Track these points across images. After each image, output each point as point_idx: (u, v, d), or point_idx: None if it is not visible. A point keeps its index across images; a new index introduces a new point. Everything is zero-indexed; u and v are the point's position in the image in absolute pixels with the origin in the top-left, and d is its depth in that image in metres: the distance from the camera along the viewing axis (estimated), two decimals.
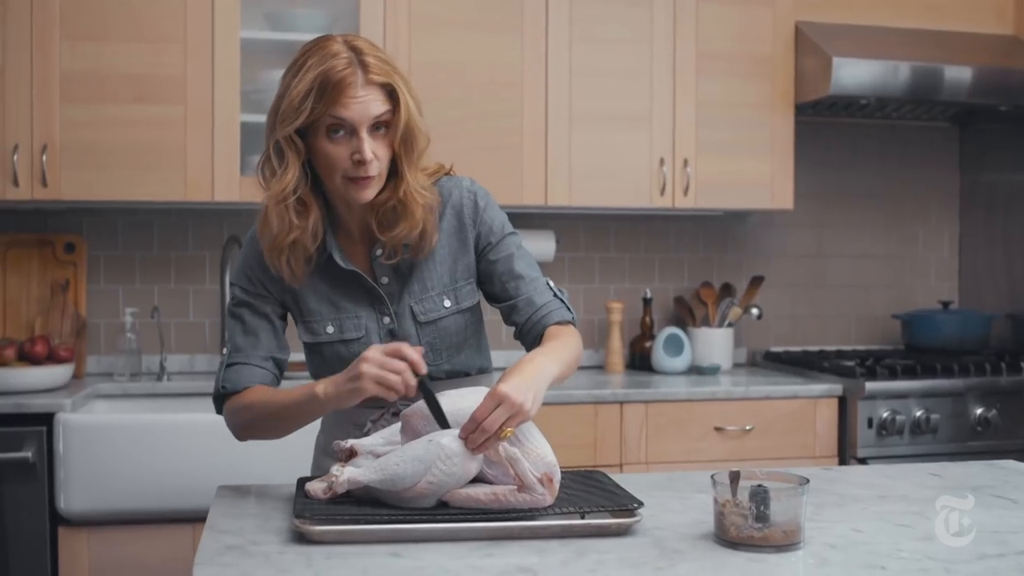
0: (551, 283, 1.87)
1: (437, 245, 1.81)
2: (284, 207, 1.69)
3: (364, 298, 1.80)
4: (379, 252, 1.78)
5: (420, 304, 1.81)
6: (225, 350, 1.83)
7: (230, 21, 3.06)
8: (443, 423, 1.55)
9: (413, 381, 1.55)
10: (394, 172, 1.74)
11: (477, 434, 1.50)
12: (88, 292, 3.35)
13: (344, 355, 1.78)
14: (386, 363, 1.54)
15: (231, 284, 1.84)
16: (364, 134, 1.66)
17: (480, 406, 1.51)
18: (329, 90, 1.63)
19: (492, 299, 1.88)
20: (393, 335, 1.80)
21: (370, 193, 1.70)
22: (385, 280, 1.80)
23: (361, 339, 1.79)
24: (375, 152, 1.67)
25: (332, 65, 1.63)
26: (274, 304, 1.81)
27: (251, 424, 1.76)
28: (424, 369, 1.55)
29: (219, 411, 1.81)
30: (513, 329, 1.87)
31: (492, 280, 1.85)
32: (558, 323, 1.81)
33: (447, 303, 1.82)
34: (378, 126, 1.68)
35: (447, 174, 1.85)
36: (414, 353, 1.55)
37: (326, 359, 1.81)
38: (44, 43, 2.97)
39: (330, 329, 1.80)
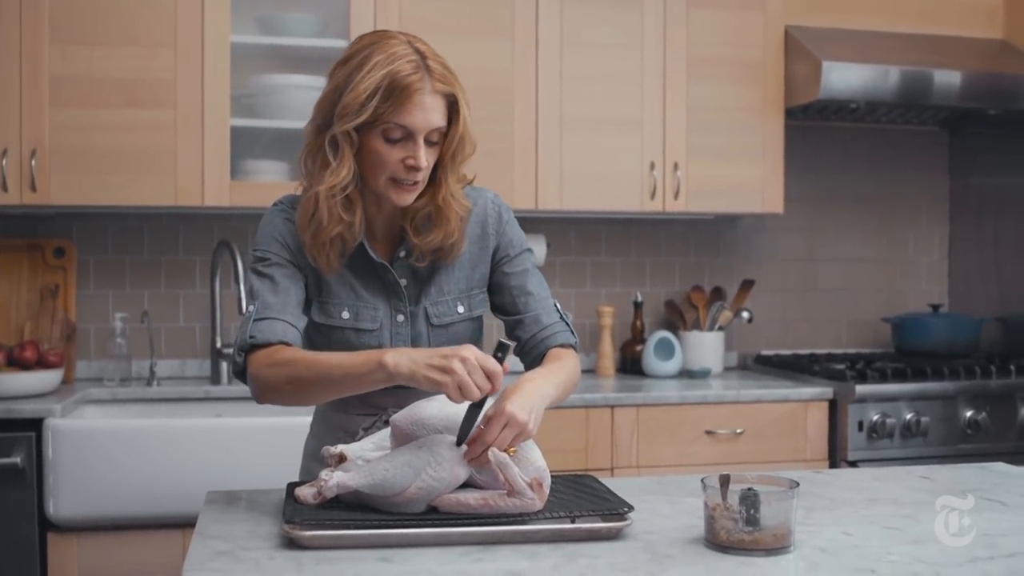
0: (559, 305, 1.90)
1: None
2: (334, 201, 1.69)
3: (382, 292, 1.81)
4: (403, 253, 1.79)
5: (436, 307, 1.82)
6: (251, 307, 1.72)
7: (220, 25, 3.05)
8: (460, 442, 1.54)
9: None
10: (432, 178, 1.75)
11: (485, 455, 1.51)
12: (78, 297, 3.34)
13: (352, 343, 1.77)
14: (476, 375, 1.49)
15: (255, 249, 1.79)
16: (421, 141, 1.67)
17: (488, 427, 1.52)
18: (396, 93, 1.63)
19: (499, 310, 1.90)
20: (403, 334, 1.81)
21: (412, 197, 1.72)
22: (404, 281, 1.81)
23: (374, 331, 1.79)
24: (427, 159, 1.69)
25: (400, 68, 1.64)
26: (302, 275, 1.78)
27: (289, 381, 1.63)
28: (496, 393, 1.53)
29: (238, 369, 1.71)
30: (514, 343, 1.88)
31: (503, 292, 1.88)
32: (560, 345, 1.85)
33: (460, 309, 1.84)
34: (433, 134, 1.69)
35: (469, 184, 1.86)
36: (501, 381, 1.52)
37: (332, 343, 1.79)
38: (33, 47, 2.96)
39: (345, 315, 1.79)
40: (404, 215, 1.77)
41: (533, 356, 1.85)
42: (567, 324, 1.88)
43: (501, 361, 1.53)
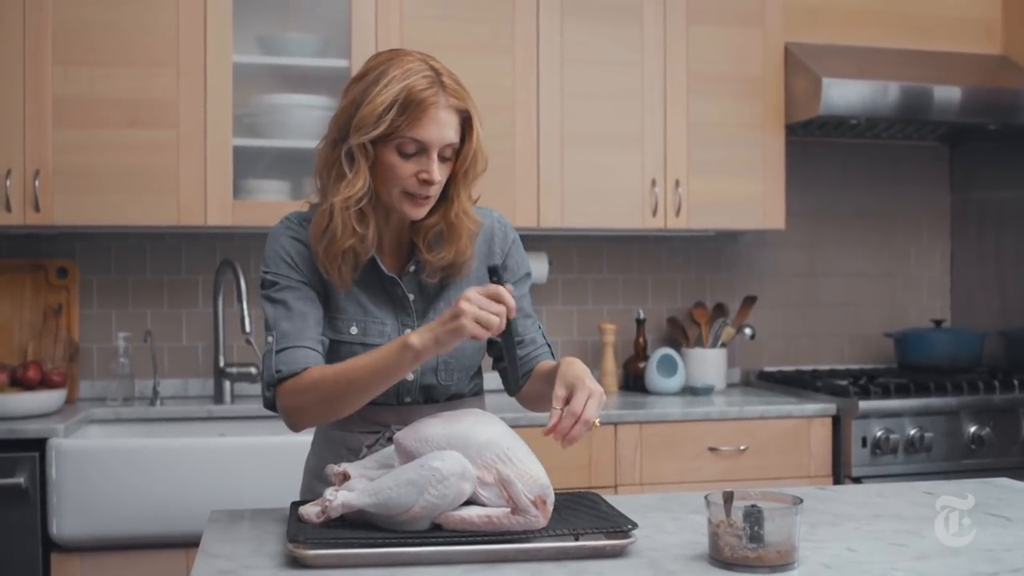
0: (541, 326, 1.96)
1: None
2: (348, 213, 1.70)
3: (390, 307, 1.81)
4: (412, 268, 1.81)
5: None
6: (270, 339, 1.75)
7: (222, 45, 3.07)
8: (513, 367, 1.66)
9: (504, 324, 1.58)
10: (444, 195, 1.77)
11: (579, 427, 1.57)
12: (81, 316, 3.34)
13: None
14: (485, 304, 1.56)
15: (264, 273, 1.79)
16: (435, 156, 1.69)
17: (575, 400, 1.60)
18: (412, 108, 1.66)
19: None
20: None
21: (423, 211, 1.74)
22: (412, 296, 1.82)
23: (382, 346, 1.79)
24: (440, 174, 1.71)
25: (416, 83, 1.67)
26: (314, 292, 1.79)
27: (321, 401, 1.68)
28: (515, 313, 1.60)
29: (269, 403, 1.74)
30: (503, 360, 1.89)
31: None
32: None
33: None
34: (446, 150, 1.71)
35: (474, 203, 1.87)
36: (510, 298, 1.58)
37: (340, 358, 1.78)
38: (36, 68, 2.97)
39: (354, 330, 1.79)
40: (416, 232, 1.79)
41: (523, 372, 1.86)
42: (549, 346, 1.94)
43: (500, 283, 1.61)
